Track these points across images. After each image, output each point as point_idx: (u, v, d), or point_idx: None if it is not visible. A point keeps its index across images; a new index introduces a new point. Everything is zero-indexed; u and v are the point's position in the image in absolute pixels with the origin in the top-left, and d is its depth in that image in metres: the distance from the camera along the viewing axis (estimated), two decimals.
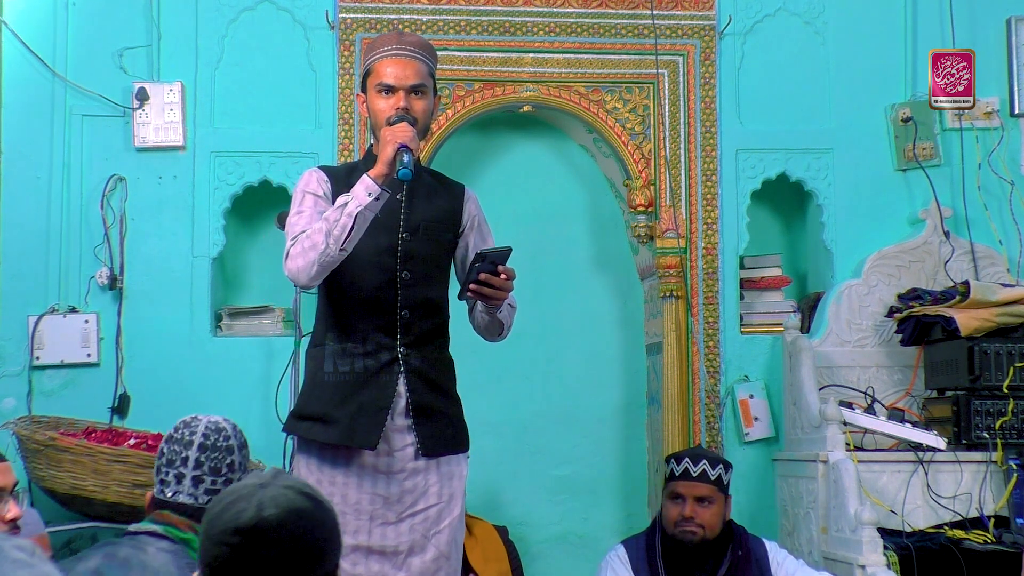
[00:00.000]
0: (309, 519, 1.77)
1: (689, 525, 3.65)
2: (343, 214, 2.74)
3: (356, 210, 2.73)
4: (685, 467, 3.72)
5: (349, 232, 2.73)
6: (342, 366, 2.90)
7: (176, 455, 2.59)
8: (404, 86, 2.90)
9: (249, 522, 1.73)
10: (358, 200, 2.74)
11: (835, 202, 4.76)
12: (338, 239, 2.73)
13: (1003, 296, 4.26)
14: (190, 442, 2.59)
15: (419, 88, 2.92)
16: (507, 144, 5.06)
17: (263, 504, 1.75)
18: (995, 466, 4.08)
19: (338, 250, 2.75)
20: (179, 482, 2.55)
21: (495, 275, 2.78)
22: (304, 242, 2.78)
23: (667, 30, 4.71)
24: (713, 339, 4.64)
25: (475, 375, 3.67)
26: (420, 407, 2.90)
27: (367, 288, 2.90)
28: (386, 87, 2.91)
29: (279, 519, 1.74)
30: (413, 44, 2.95)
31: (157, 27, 4.53)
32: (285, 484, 1.81)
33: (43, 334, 4.36)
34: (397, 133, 2.79)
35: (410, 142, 2.77)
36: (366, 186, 2.76)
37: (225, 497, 1.79)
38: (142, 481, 3.79)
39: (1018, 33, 4.81)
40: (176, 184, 4.52)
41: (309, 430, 2.91)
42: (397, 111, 2.88)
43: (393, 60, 2.91)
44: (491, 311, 2.90)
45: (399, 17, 4.60)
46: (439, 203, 2.99)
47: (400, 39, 2.95)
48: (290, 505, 1.76)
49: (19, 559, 1.71)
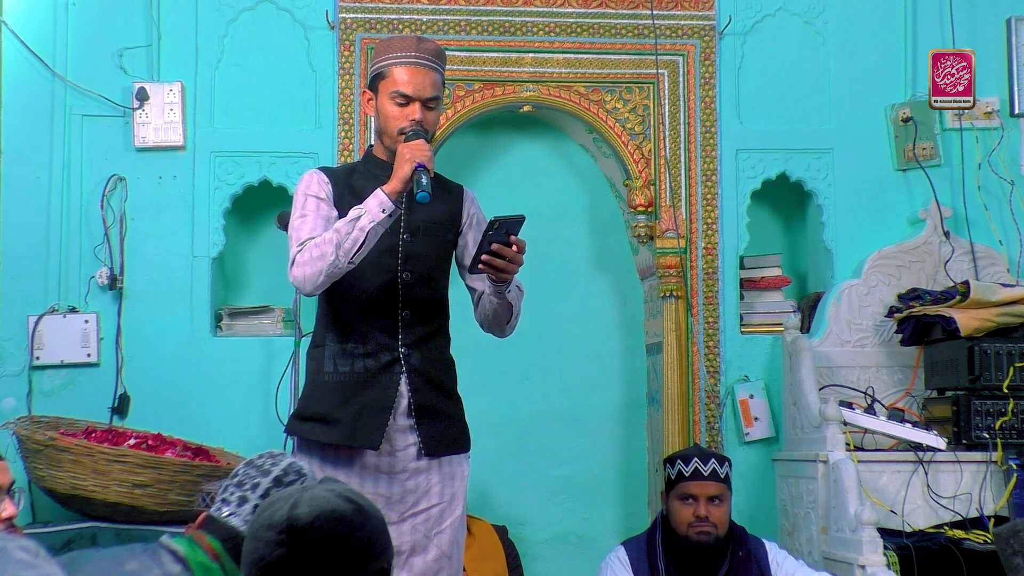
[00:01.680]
0: (345, 522, 1.78)
1: (704, 526, 3.58)
2: (355, 228, 2.73)
3: (369, 225, 2.73)
4: (695, 467, 3.64)
5: (360, 246, 2.73)
6: (342, 366, 2.90)
7: (249, 479, 2.48)
8: (421, 98, 2.88)
9: (282, 520, 1.77)
10: (371, 215, 2.73)
11: (835, 202, 4.76)
12: (348, 252, 2.73)
13: (1003, 296, 4.26)
14: (268, 471, 2.46)
15: (434, 100, 2.91)
16: (507, 144, 5.06)
17: (298, 503, 1.79)
18: (995, 466, 4.09)
19: (347, 263, 2.75)
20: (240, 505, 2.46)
21: (507, 246, 2.75)
22: (312, 251, 2.76)
23: (667, 30, 4.71)
24: (713, 339, 4.64)
25: (475, 375, 3.67)
26: (422, 407, 2.90)
27: (368, 289, 2.89)
28: (403, 96, 2.88)
29: (312, 518, 1.76)
30: (431, 52, 2.91)
31: (157, 27, 4.53)
32: (328, 488, 1.84)
33: (43, 334, 4.36)
34: (416, 152, 2.76)
35: (428, 162, 2.76)
36: (380, 201, 2.75)
37: (271, 499, 1.85)
38: (142, 481, 3.79)
39: (1018, 33, 4.81)
40: (176, 184, 4.52)
41: (311, 431, 2.91)
42: (411, 123, 2.86)
43: (412, 69, 2.88)
44: (499, 292, 2.86)
45: (399, 17, 4.60)
46: (439, 204, 2.99)
47: (419, 46, 2.91)
48: (325, 506, 1.78)
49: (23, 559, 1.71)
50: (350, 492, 1.85)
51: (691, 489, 3.63)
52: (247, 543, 1.81)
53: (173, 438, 4.07)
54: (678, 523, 3.62)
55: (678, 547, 3.63)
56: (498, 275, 2.79)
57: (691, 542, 3.60)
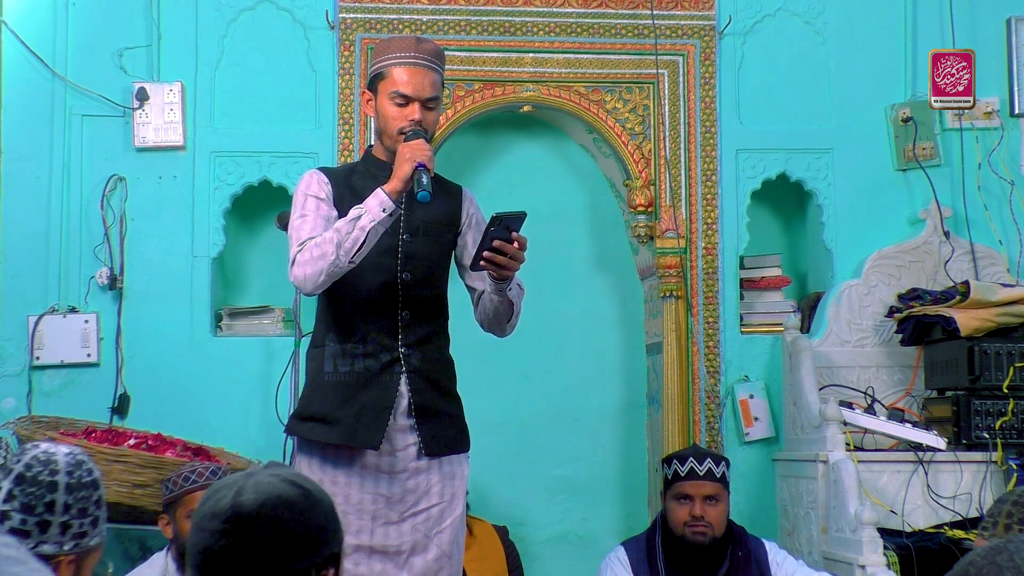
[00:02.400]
0: (292, 507, 1.70)
1: (699, 525, 3.59)
2: (356, 227, 2.73)
3: (370, 225, 2.73)
4: (691, 467, 3.65)
5: (361, 245, 2.73)
6: (342, 366, 2.90)
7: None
8: (421, 98, 2.88)
9: (226, 508, 1.69)
10: (372, 215, 2.74)
11: (835, 202, 4.76)
12: (349, 252, 2.73)
13: (1003, 296, 4.26)
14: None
15: (433, 100, 2.91)
16: (507, 144, 5.06)
17: (243, 490, 1.71)
18: (995, 466, 4.09)
19: (348, 262, 2.75)
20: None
21: (508, 242, 2.75)
22: (313, 250, 2.77)
23: (667, 30, 4.71)
24: (713, 339, 4.64)
25: (475, 375, 3.67)
26: (422, 407, 2.90)
27: (368, 289, 2.89)
28: (402, 96, 2.89)
29: (257, 504, 1.68)
30: (430, 53, 2.92)
31: (157, 27, 4.53)
32: (274, 473, 1.75)
33: (43, 334, 4.36)
34: (416, 152, 2.77)
35: (428, 162, 2.76)
36: (380, 201, 2.75)
37: (214, 487, 1.76)
38: (142, 481, 3.78)
39: (1018, 33, 4.81)
40: (176, 184, 4.52)
41: (312, 431, 2.91)
42: (411, 123, 2.86)
43: (411, 70, 2.88)
44: (500, 290, 2.86)
45: (399, 17, 4.60)
46: (439, 204, 2.98)
47: (418, 46, 2.91)
48: (271, 491, 1.70)
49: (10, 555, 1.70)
50: (296, 476, 1.77)
51: (687, 489, 3.64)
52: (192, 534, 1.72)
53: (173, 438, 4.06)
54: (675, 523, 3.63)
55: (676, 547, 3.64)
56: (500, 272, 2.79)
57: (687, 542, 3.61)
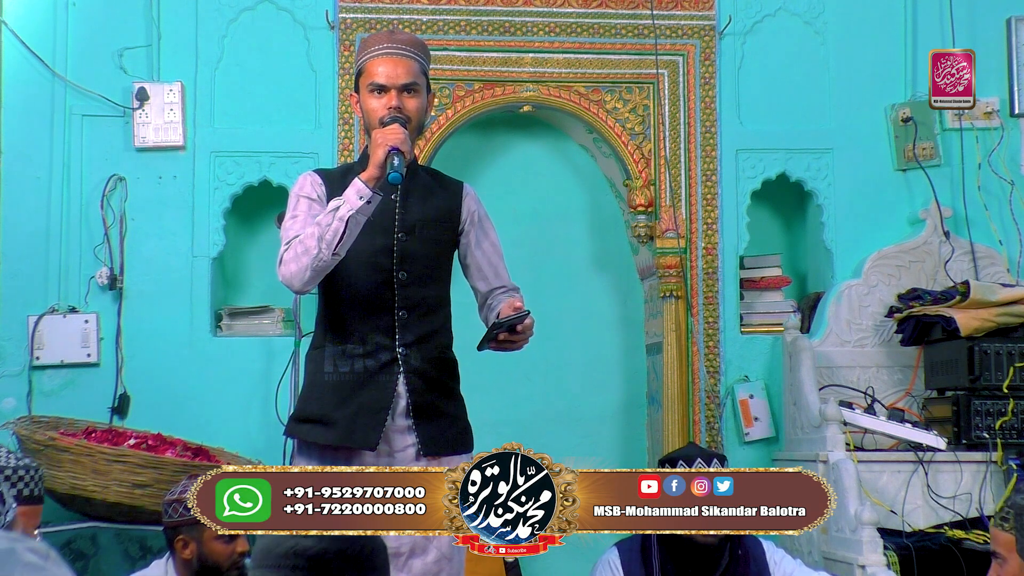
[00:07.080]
0: None
1: None
2: (335, 218, 2.73)
3: (348, 214, 2.73)
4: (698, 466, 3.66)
5: (341, 236, 2.73)
6: (342, 367, 2.89)
7: None
8: (396, 85, 2.89)
9: None
10: (349, 204, 2.73)
11: (835, 202, 4.76)
12: (330, 243, 2.73)
13: (1003, 296, 4.26)
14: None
15: (411, 86, 2.91)
16: (507, 144, 5.06)
17: None
18: (995, 466, 4.09)
19: (331, 255, 2.74)
20: None
21: (513, 332, 2.77)
22: (297, 247, 2.77)
23: (667, 30, 4.71)
24: (713, 339, 4.64)
25: (475, 375, 3.65)
26: (420, 407, 2.89)
27: (364, 289, 2.89)
28: (378, 86, 2.89)
29: None
30: (404, 42, 2.94)
31: (157, 27, 4.53)
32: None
33: (43, 334, 4.36)
34: (388, 136, 2.78)
35: (401, 144, 2.76)
36: (357, 189, 2.75)
37: None
38: (142, 481, 3.79)
39: (1018, 33, 4.81)
40: (176, 184, 4.52)
41: (309, 432, 2.90)
42: (389, 111, 2.87)
43: (384, 59, 2.90)
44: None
45: (399, 17, 4.60)
46: (436, 202, 2.98)
47: (391, 37, 2.93)
48: None
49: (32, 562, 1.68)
50: None
51: None
52: None
53: (173, 438, 4.06)
54: None
55: (678, 547, 3.62)
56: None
57: (695, 542, 3.59)
